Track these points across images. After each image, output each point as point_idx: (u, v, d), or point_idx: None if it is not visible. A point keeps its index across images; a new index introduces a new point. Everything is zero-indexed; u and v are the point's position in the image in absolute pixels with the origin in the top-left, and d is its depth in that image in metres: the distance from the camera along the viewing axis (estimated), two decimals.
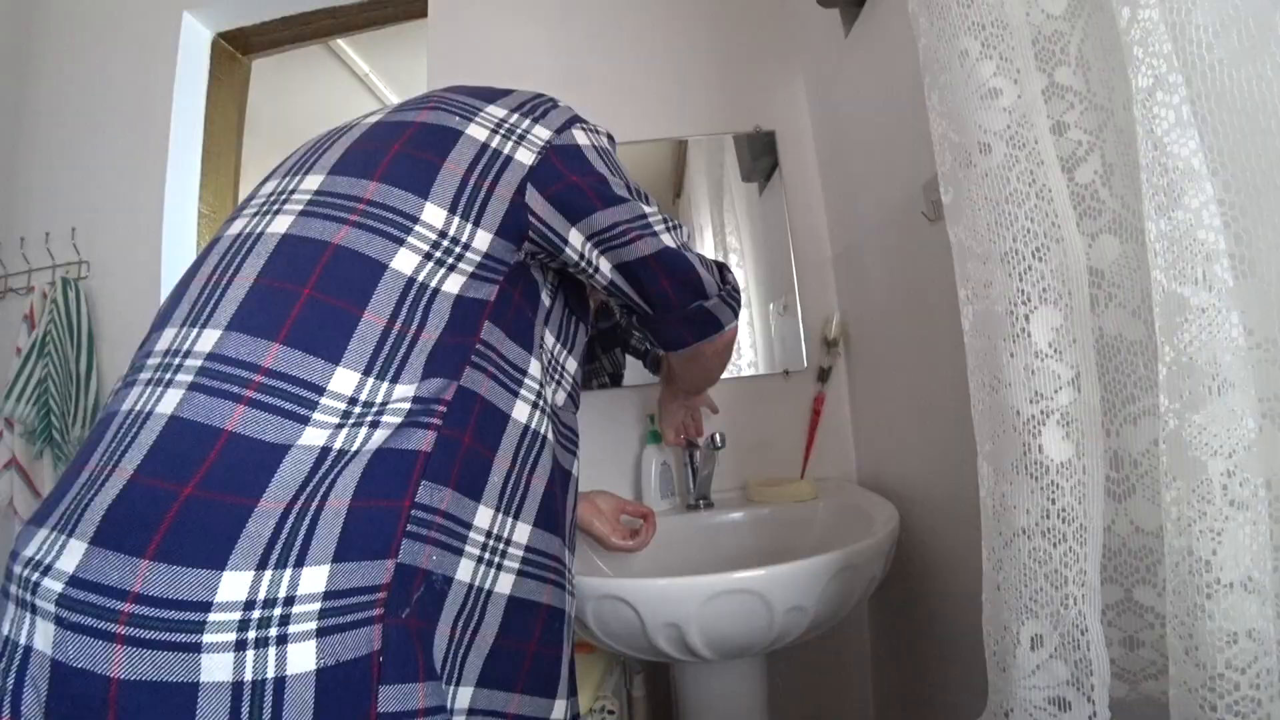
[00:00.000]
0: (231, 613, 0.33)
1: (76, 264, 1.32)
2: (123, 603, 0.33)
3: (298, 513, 0.36)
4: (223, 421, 0.38)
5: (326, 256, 0.44)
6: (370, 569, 0.37)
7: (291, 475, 0.37)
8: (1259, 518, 0.31)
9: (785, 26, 1.28)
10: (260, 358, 0.40)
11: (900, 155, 0.86)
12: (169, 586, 0.33)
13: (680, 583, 0.65)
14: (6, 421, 1.24)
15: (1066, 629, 0.38)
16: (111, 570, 0.34)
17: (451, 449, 0.43)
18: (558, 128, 0.56)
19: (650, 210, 0.58)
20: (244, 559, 0.34)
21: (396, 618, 0.38)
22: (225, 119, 1.50)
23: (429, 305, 0.45)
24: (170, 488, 0.36)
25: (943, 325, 0.75)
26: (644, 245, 0.57)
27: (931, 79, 0.47)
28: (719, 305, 0.63)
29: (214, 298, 0.43)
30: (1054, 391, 0.39)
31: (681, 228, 0.61)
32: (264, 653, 0.33)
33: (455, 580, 0.43)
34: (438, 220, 0.47)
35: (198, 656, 0.32)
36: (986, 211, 0.42)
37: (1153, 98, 0.32)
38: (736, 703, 0.85)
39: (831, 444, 1.17)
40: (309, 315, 0.42)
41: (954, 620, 0.82)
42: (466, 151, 0.51)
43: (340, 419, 0.40)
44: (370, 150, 0.50)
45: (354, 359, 0.41)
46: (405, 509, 0.40)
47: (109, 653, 0.32)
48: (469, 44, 1.31)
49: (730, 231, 1.23)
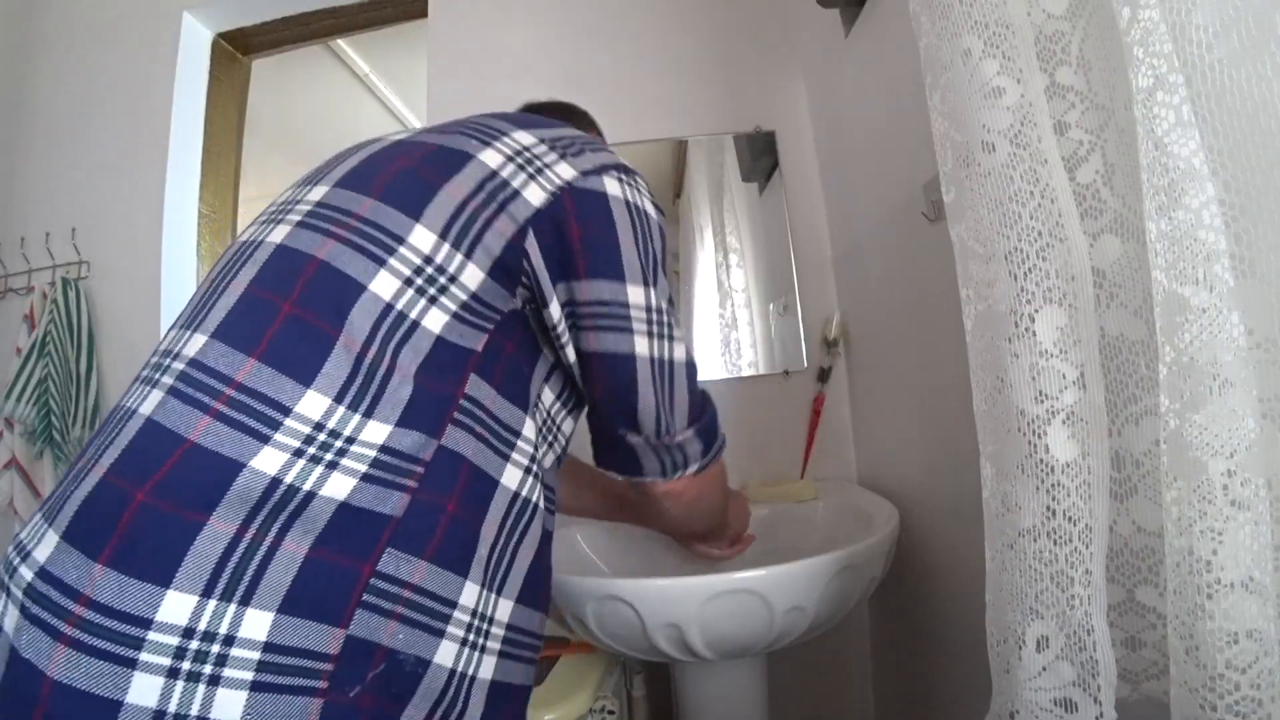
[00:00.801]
0: (170, 635, 0.33)
1: (76, 264, 1.32)
2: (75, 603, 0.33)
3: (249, 543, 0.35)
4: (188, 430, 0.37)
5: (310, 270, 0.42)
6: (316, 632, 0.35)
7: (241, 497, 0.36)
8: (1260, 518, 0.31)
9: (785, 27, 1.28)
10: (235, 371, 0.39)
11: (901, 155, 0.86)
12: (116, 596, 0.33)
13: (680, 583, 0.65)
14: (6, 421, 1.24)
15: (1073, 630, 0.37)
16: (71, 569, 0.34)
17: (429, 517, 0.40)
18: (587, 169, 0.49)
19: (646, 304, 0.49)
20: (189, 581, 0.34)
21: (342, 694, 0.35)
22: (225, 119, 1.50)
23: (405, 338, 0.42)
24: (127, 489, 0.36)
25: (943, 325, 0.75)
26: (608, 340, 0.48)
27: (933, 78, 0.47)
28: (645, 450, 0.51)
29: (210, 302, 0.43)
30: (1059, 391, 0.39)
31: (676, 340, 0.51)
32: (193, 687, 0.33)
33: (434, 664, 0.39)
34: (425, 244, 0.44)
35: (130, 673, 0.32)
36: (989, 211, 0.42)
37: (1153, 98, 0.32)
38: (736, 703, 0.85)
39: (831, 444, 1.17)
40: (287, 331, 0.40)
41: (954, 620, 0.82)
42: (472, 176, 0.46)
43: (301, 443, 0.38)
44: (376, 166, 0.48)
45: (325, 384, 0.39)
46: (364, 575, 0.37)
47: (52, 650, 0.32)
48: (469, 44, 1.31)
49: (730, 231, 1.23)
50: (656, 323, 0.49)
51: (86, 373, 1.27)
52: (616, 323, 0.48)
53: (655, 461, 0.52)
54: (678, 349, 0.51)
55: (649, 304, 0.49)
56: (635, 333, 0.48)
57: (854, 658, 1.14)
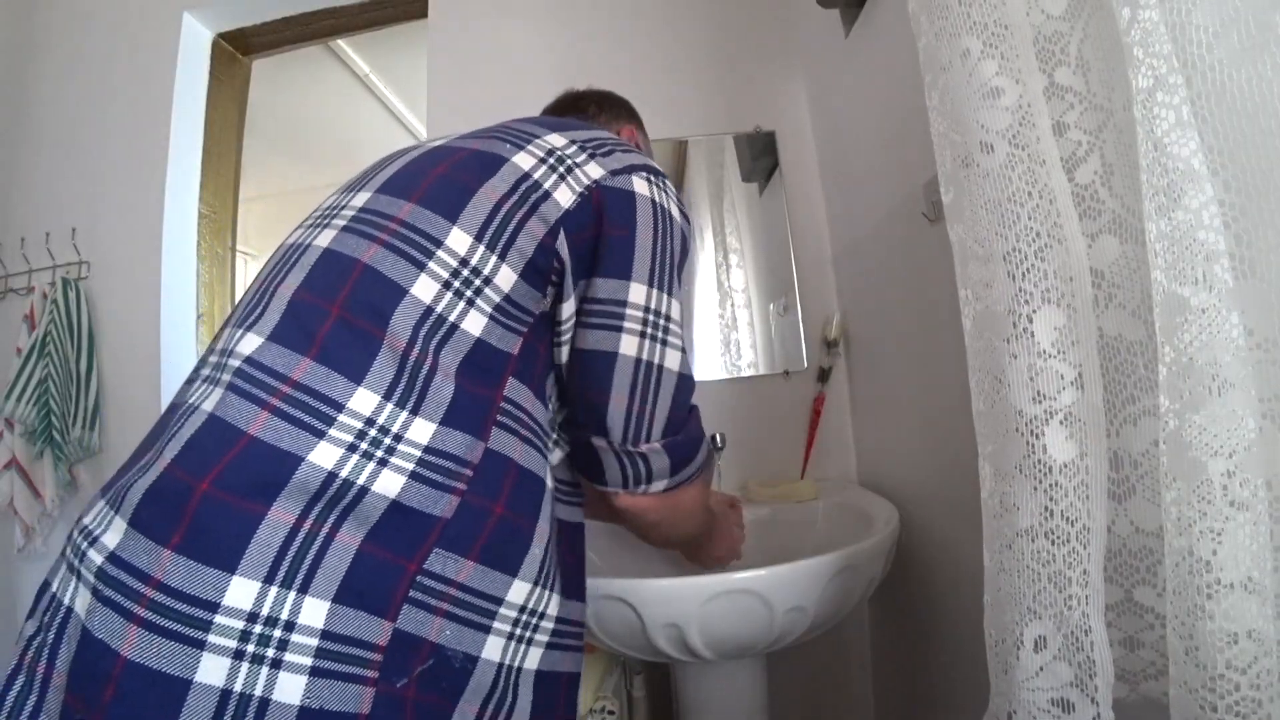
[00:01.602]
0: (236, 619, 0.34)
1: (77, 264, 1.32)
2: (146, 586, 0.35)
3: (307, 533, 0.37)
4: (247, 424, 0.39)
5: (355, 275, 0.44)
6: (367, 623, 0.37)
7: (300, 489, 0.37)
8: (1259, 518, 0.31)
9: (785, 27, 1.28)
10: (291, 369, 0.40)
11: (900, 155, 0.86)
12: (186, 580, 0.35)
13: (680, 583, 0.65)
14: (7, 422, 1.24)
15: (1070, 630, 0.37)
16: (142, 554, 0.35)
17: (478, 518, 0.41)
18: (616, 169, 0.49)
19: (646, 304, 0.48)
20: (252, 567, 0.35)
21: (389, 685, 0.37)
22: (226, 119, 1.50)
23: (445, 339, 0.43)
24: (191, 481, 0.37)
25: (943, 326, 0.75)
26: (593, 337, 0.47)
27: (932, 79, 0.47)
28: (608, 454, 0.49)
29: (261, 303, 0.45)
30: (1057, 391, 0.39)
31: (671, 348, 0.49)
32: (257, 669, 0.34)
33: (482, 659, 0.41)
34: (461, 247, 0.45)
35: (199, 653, 0.34)
36: (988, 211, 0.42)
37: (1153, 98, 0.32)
38: (736, 703, 0.85)
39: (832, 444, 1.17)
40: (337, 333, 0.42)
41: (954, 621, 0.82)
42: (506, 179, 0.47)
43: (355, 438, 0.39)
44: (416, 171, 0.49)
45: (374, 381, 0.41)
46: (410, 572, 0.39)
47: (125, 630, 0.34)
48: (469, 44, 1.31)
49: (730, 232, 1.23)
50: (652, 324, 0.48)
51: (86, 373, 1.27)
52: (609, 320, 0.47)
53: (616, 469, 0.49)
54: (671, 356, 0.49)
55: (649, 304, 0.48)
56: (625, 331, 0.47)
57: (854, 658, 1.14)
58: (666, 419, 0.49)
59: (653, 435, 0.49)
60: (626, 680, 1.01)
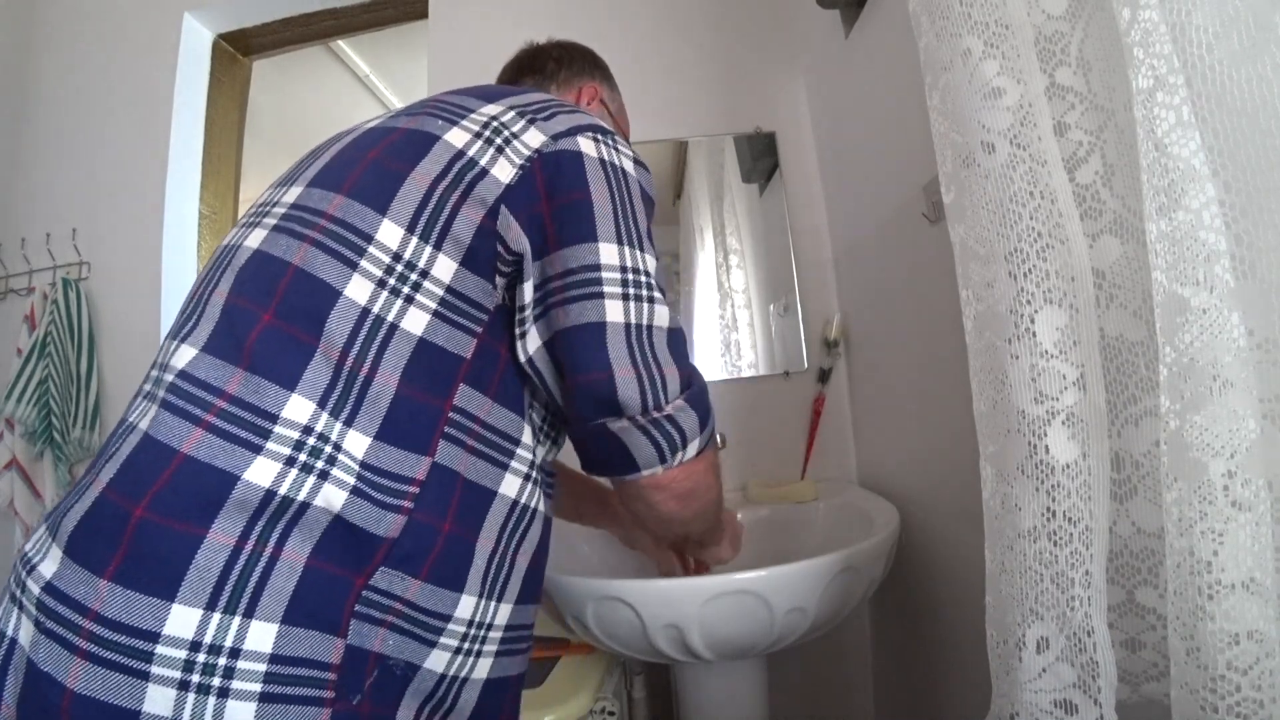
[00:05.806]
0: (178, 649, 0.33)
1: (77, 265, 1.32)
2: (84, 619, 0.34)
3: (250, 554, 0.35)
4: (180, 443, 0.37)
5: (287, 278, 0.41)
6: (319, 642, 0.36)
7: (239, 507, 0.36)
8: (1261, 519, 0.31)
9: (785, 27, 1.28)
10: (225, 382, 0.38)
11: (900, 156, 0.86)
12: (124, 610, 0.34)
13: (680, 584, 0.65)
14: (7, 422, 1.24)
15: (1073, 631, 0.37)
16: (78, 584, 0.34)
17: (426, 538, 0.40)
18: (557, 132, 0.46)
19: (621, 263, 0.44)
20: (193, 594, 0.34)
21: (346, 703, 0.36)
22: (226, 120, 1.50)
23: (384, 343, 0.40)
24: (126, 505, 0.36)
25: (943, 326, 0.75)
26: (576, 311, 0.42)
27: (933, 79, 0.47)
28: (633, 433, 0.43)
29: (196, 312, 0.43)
30: (1059, 392, 0.38)
31: (657, 304, 0.45)
32: (204, 699, 0.33)
33: (423, 669, 0.40)
34: (393, 241, 0.42)
35: (144, 685, 0.33)
36: (989, 212, 0.42)
37: (1153, 98, 0.32)
38: (737, 704, 0.84)
39: (832, 445, 1.16)
40: (268, 340, 0.40)
41: (955, 622, 0.82)
42: (439, 159, 0.43)
43: (293, 449, 0.37)
44: (348, 160, 0.46)
45: (308, 389, 0.39)
46: (356, 586, 0.38)
47: (69, 663, 0.33)
48: (469, 45, 1.31)
49: (730, 232, 1.23)
50: (634, 284, 0.44)
51: (87, 373, 1.27)
52: (587, 290, 0.43)
53: (647, 444, 0.44)
54: (660, 313, 0.45)
55: (625, 264, 0.44)
56: (607, 297, 0.43)
57: (854, 658, 1.14)
58: (677, 374, 0.45)
59: (670, 395, 0.44)
60: (626, 681, 1.00)
